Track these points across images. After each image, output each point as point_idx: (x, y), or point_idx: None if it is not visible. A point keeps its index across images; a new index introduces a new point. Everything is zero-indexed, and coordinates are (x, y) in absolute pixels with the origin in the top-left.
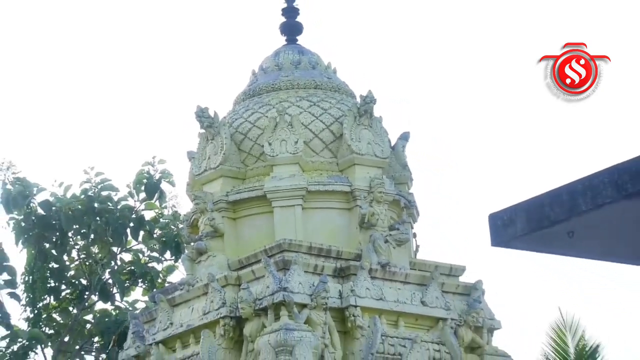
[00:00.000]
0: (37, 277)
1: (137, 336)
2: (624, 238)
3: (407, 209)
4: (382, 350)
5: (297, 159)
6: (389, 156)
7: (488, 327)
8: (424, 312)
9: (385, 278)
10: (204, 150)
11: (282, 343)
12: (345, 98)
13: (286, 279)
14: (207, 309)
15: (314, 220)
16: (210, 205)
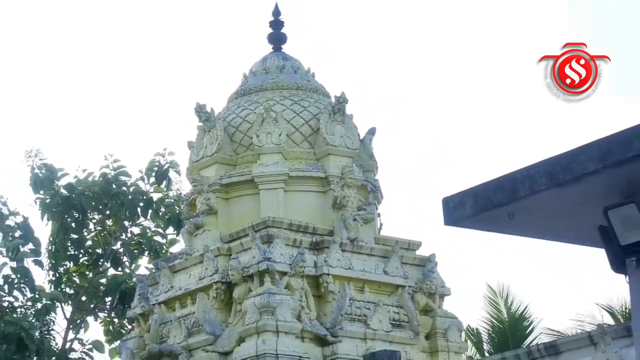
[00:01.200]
0: (59, 246)
1: (143, 297)
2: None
3: (372, 193)
4: (350, 312)
5: (280, 149)
6: (358, 148)
7: (439, 294)
8: (385, 280)
9: (353, 251)
10: (202, 140)
11: (265, 305)
12: (321, 98)
13: (270, 251)
14: (202, 275)
15: (294, 201)
16: (206, 187)
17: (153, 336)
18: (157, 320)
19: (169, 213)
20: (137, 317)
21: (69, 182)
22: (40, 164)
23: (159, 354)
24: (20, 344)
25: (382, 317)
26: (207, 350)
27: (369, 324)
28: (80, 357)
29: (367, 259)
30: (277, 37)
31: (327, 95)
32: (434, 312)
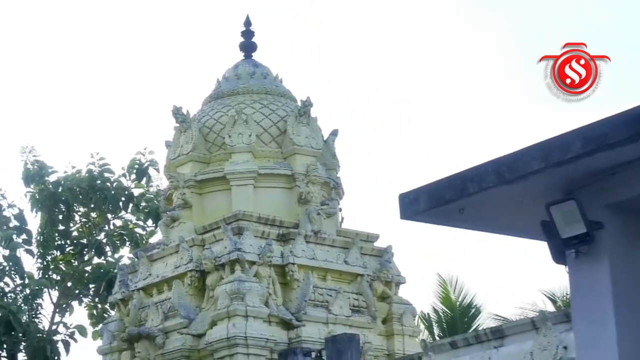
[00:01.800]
0: (47, 236)
1: (123, 284)
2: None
3: (335, 189)
4: (313, 299)
5: (250, 148)
6: (322, 148)
7: (395, 282)
8: (346, 269)
9: (316, 242)
10: (178, 140)
11: (235, 291)
12: (289, 102)
13: (240, 242)
14: (177, 263)
15: (263, 196)
16: (182, 183)
17: (132, 319)
18: (136, 305)
19: (149, 207)
20: (117, 302)
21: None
22: (33, 160)
23: (137, 335)
24: (8, 326)
25: (343, 303)
26: (181, 333)
27: (331, 309)
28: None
29: (330, 250)
30: (248, 46)
31: (293, 99)
32: (390, 299)
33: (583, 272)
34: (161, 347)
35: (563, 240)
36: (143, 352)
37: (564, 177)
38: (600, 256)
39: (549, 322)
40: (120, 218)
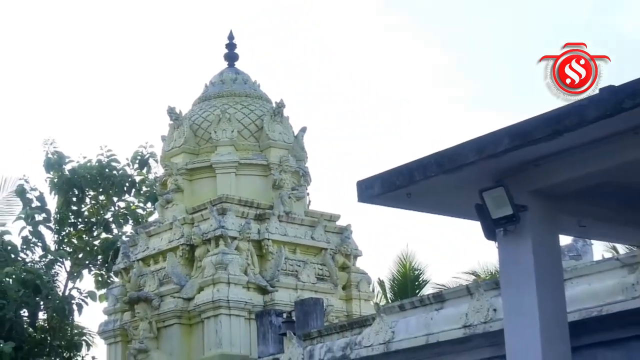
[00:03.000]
0: (63, 215)
1: (125, 255)
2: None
3: (303, 177)
4: (285, 268)
5: (232, 142)
6: (292, 142)
7: (353, 255)
8: (312, 244)
9: (288, 221)
10: (172, 135)
11: (219, 262)
12: (265, 103)
13: (223, 221)
14: (171, 238)
15: (243, 182)
16: (175, 171)
17: (133, 285)
18: (136, 273)
19: (148, 191)
20: (120, 270)
21: (73, 166)
22: (53, 151)
23: (137, 299)
24: (35, 288)
25: (310, 272)
26: (174, 297)
27: (299, 277)
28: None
29: (299, 228)
30: (231, 56)
31: (269, 101)
32: (349, 269)
33: (510, 247)
34: (157, 308)
35: (493, 221)
36: (142, 312)
37: (495, 168)
38: (524, 234)
39: (482, 289)
40: (124, 200)
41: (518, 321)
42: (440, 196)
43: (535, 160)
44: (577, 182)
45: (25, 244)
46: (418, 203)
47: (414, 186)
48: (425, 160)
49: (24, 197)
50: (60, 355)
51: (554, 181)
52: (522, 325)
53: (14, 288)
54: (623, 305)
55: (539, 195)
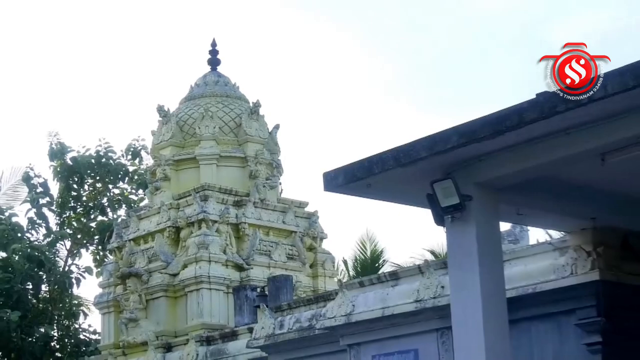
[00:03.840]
0: (64, 200)
1: (119, 236)
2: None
3: (276, 168)
4: (259, 248)
5: (214, 137)
6: (267, 138)
7: (319, 237)
8: (284, 227)
9: (262, 207)
10: (161, 130)
11: (202, 242)
12: (243, 103)
13: (205, 206)
14: (159, 221)
15: (223, 173)
16: (163, 162)
17: (125, 262)
18: (128, 252)
19: (139, 179)
20: (114, 249)
21: (74, 156)
22: (57, 142)
23: (128, 274)
24: (39, 264)
25: (281, 252)
26: (161, 273)
27: (272, 256)
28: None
29: (272, 213)
30: (214, 61)
31: (247, 101)
32: (316, 250)
33: (456, 232)
34: (146, 283)
35: (442, 209)
36: (132, 286)
37: (444, 162)
38: (469, 221)
39: (431, 268)
40: (119, 187)
41: (463, 297)
42: (396, 187)
43: (479, 156)
44: (516, 175)
45: (31, 225)
46: (377, 192)
47: (373, 178)
48: (383, 155)
49: (29, 183)
50: (60, 323)
51: (496, 174)
52: (466, 300)
53: (20, 263)
54: (554, 284)
55: (482, 187)
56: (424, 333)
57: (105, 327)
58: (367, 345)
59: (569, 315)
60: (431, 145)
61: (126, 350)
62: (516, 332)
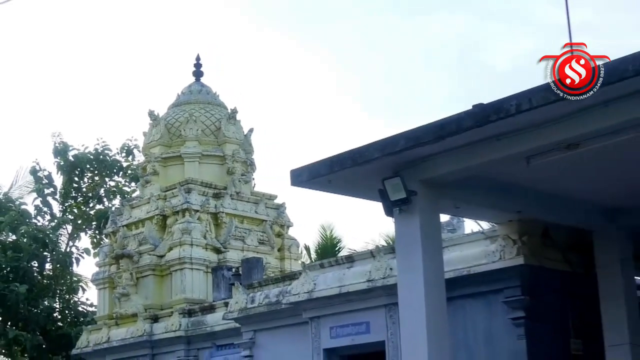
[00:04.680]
0: (66, 190)
1: (113, 222)
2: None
3: (250, 166)
4: (235, 234)
5: (197, 138)
6: (243, 139)
7: (286, 225)
8: (256, 216)
9: (238, 199)
10: (151, 131)
11: (185, 229)
12: (222, 109)
13: (189, 197)
14: (149, 210)
15: (204, 169)
16: (153, 159)
17: (118, 245)
18: (121, 236)
19: (132, 174)
20: (109, 233)
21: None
22: (60, 141)
23: (121, 255)
24: (44, 245)
25: (253, 238)
26: (150, 254)
27: (245, 241)
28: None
29: (246, 204)
30: (198, 73)
31: (226, 107)
32: (283, 236)
33: (403, 222)
34: (136, 263)
35: (391, 202)
36: (125, 266)
37: (393, 162)
38: (414, 212)
39: (382, 252)
40: (114, 180)
41: (408, 277)
42: (352, 183)
43: (423, 157)
44: (455, 174)
45: (37, 212)
46: (336, 187)
47: (333, 175)
48: (342, 155)
49: (36, 175)
50: (62, 296)
51: (437, 173)
52: (410, 281)
53: (27, 244)
54: (485, 267)
55: (425, 184)
56: (374, 308)
57: (100, 300)
58: (326, 318)
59: (498, 294)
60: (382, 148)
61: (119, 320)
62: (453, 308)
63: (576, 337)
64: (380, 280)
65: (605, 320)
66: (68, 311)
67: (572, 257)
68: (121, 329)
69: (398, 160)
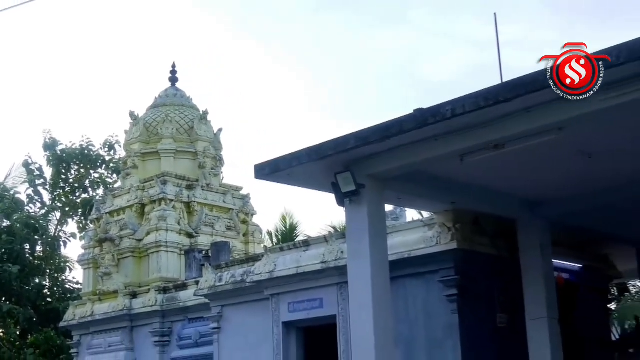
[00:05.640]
0: (55, 181)
1: (97, 210)
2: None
3: (219, 161)
4: (205, 221)
5: (172, 136)
6: (213, 137)
7: (251, 213)
8: (224, 205)
9: (208, 190)
10: (132, 129)
11: (161, 216)
12: (195, 111)
13: (165, 188)
14: (129, 199)
15: (179, 163)
16: (133, 154)
17: (102, 230)
18: (104, 222)
19: (114, 167)
20: (94, 220)
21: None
22: (50, 137)
23: (105, 239)
24: (35, 229)
25: (221, 224)
26: (130, 238)
27: (214, 227)
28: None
29: (215, 195)
30: (174, 79)
31: (198, 109)
32: (248, 223)
33: (353, 211)
34: (118, 246)
35: (343, 194)
36: (107, 248)
37: (345, 159)
38: (362, 203)
39: (334, 238)
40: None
41: (356, 260)
42: (309, 176)
43: (371, 154)
44: (398, 170)
45: (29, 200)
46: (295, 180)
47: (292, 169)
48: (300, 152)
49: (28, 167)
50: (51, 275)
51: (383, 169)
52: (359, 263)
53: (20, 229)
54: (424, 251)
55: (372, 178)
56: (327, 286)
57: (85, 279)
58: (284, 295)
59: (434, 274)
60: (335, 146)
61: (101, 297)
62: (395, 286)
63: (502, 311)
64: (332, 262)
65: (527, 297)
66: (56, 288)
67: (499, 242)
68: (104, 304)
69: (349, 157)
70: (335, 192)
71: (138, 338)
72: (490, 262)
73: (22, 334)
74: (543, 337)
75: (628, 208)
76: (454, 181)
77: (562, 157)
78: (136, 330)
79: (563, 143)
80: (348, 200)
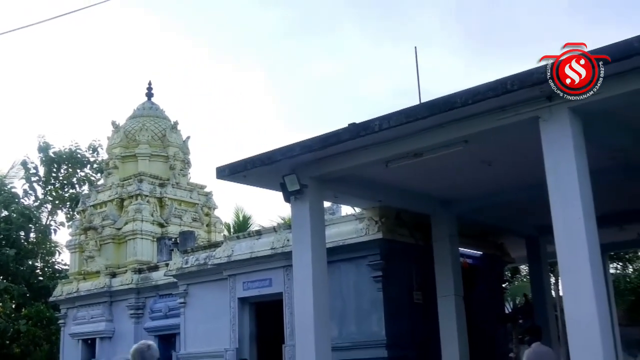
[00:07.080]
0: (47, 178)
1: (83, 202)
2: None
3: (187, 164)
4: (175, 214)
5: (148, 142)
6: (182, 144)
7: (213, 208)
8: (190, 200)
9: (177, 188)
10: (113, 136)
11: (138, 208)
12: (167, 121)
13: (141, 186)
14: (110, 194)
15: (153, 165)
16: (114, 157)
17: (87, 219)
18: (89, 213)
19: (98, 167)
20: (80, 211)
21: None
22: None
23: (89, 227)
24: (29, 219)
25: (188, 216)
26: (111, 227)
27: (182, 219)
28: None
29: (183, 192)
30: (149, 95)
31: (169, 120)
32: (210, 216)
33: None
34: (100, 233)
35: (289, 192)
36: (91, 235)
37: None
38: (305, 200)
39: (282, 228)
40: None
41: (300, 247)
42: (262, 178)
43: (313, 160)
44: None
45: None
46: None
47: (247, 172)
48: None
49: (25, 166)
50: (43, 258)
51: (322, 172)
52: (302, 249)
53: (17, 218)
54: (355, 240)
55: (314, 179)
56: (275, 269)
57: (72, 261)
58: (240, 275)
59: (364, 259)
60: (284, 153)
61: (86, 276)
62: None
63: (418, 290)
64: (280, 248)
65: (438, 278)
66: (47, 269)
67: (416, 233)
68: (87, 282)
69: (294, 162)
70: (283, 190)
71: (116, 311)
72: (409, 250)
73: (16, 307)
74: (450, 311)
75: (520, 207)
76: (380, 183)
77: (467, 164)
78: (115, 305)
79: (468, 153)
80: (293, 197)
